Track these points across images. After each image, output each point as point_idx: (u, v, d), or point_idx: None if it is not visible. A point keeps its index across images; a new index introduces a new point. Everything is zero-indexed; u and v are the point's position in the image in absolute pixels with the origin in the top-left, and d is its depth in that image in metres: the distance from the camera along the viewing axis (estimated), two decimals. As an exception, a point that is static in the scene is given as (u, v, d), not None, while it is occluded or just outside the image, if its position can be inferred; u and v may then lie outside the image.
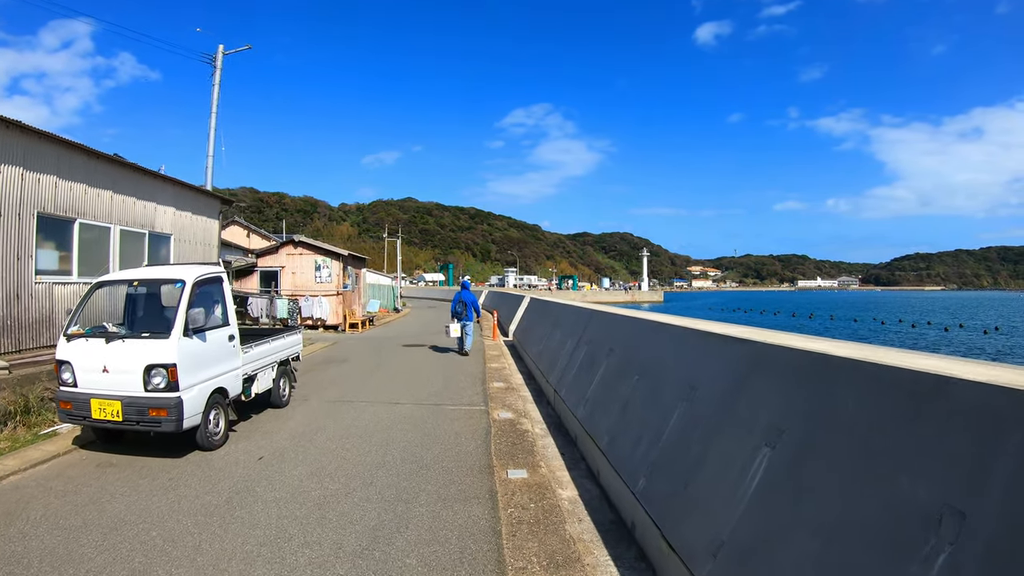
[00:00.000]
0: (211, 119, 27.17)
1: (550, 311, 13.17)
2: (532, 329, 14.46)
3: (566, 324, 10.43)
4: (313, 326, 23.19)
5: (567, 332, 9.97)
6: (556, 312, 12.19)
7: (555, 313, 12.29)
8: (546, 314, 13.46)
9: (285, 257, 23.71)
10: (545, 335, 12.03)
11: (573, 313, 10.19)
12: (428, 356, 14.84)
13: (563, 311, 11.31)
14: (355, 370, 12.60)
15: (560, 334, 10.47)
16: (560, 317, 11.35)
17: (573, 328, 9.59)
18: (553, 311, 12.71)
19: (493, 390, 10.22)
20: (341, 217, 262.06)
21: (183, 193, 14.94)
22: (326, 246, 23.23)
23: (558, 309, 12.09)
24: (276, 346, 8.92)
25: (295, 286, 23.47)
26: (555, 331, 11.16)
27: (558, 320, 11.40)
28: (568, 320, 10.37)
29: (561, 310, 11.60)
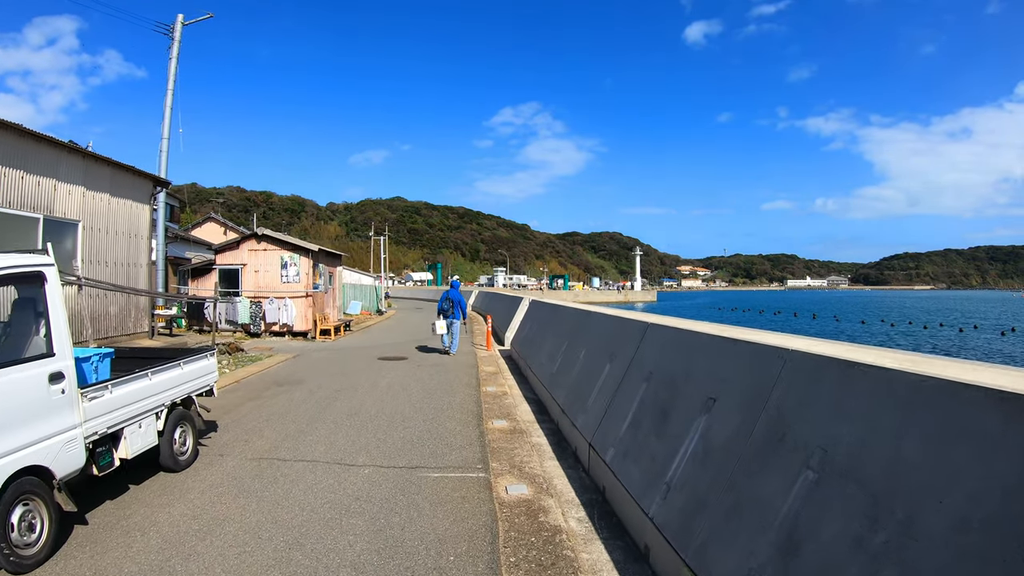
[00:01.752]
0: (167, 96, 24.08)
1: (562, 318, 10.21)
2: (537, 340, 11.49)
3: (596, 338, 7.46)
4: (279, 332, 20.11)
5: (600, 351, 7.00)
6: (573, 320, 9.23)
7: (571, 321, 9.34)
8: (556, 321, 10.50)
9: (247, 253, 20.59)
10: (559, 351, 9.07)
11: (609, 324, 7.22)
12: (408, 374, 11.81)
13: (587, 320, 8.34)
14: (308, 399, 9.54)
15: (587, 353, 7.50)
16: (582, 328, 8.38)
17: (612, 346, 6.63)
18: (567, 319, 9.75)
19: (494, 434, 7.22)
20: (329, 216, 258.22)
21: (98, 169, 11.83)
22: (293, 240, 20.19)
23: (576, 317, 9.11)
24: (164, 381, 5.87)
25: (258, 286, 20.38)
26: (576, 347, 8.20)
27: (579, 331, 8.43)
28: (600, 333, 7.40)
29: (583, 319, 8.63)
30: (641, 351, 5.67)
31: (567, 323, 9.51)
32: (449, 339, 15.06)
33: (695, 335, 4.68)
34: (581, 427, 6.33)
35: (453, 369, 12.37)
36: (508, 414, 8.29)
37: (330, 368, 12.83)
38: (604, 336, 7.12)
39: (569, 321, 9.43)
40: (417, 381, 10.91)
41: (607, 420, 5.68)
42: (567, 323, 9.51)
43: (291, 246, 20.14)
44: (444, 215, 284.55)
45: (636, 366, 5.60)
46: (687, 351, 4.70)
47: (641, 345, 5.72)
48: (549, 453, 6.61)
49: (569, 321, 9.43)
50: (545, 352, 10.13)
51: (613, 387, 5.92)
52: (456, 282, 17.75)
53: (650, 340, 5.59)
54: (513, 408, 8.74)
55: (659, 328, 5.52)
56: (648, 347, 5.56)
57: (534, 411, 8.70)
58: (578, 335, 8.36)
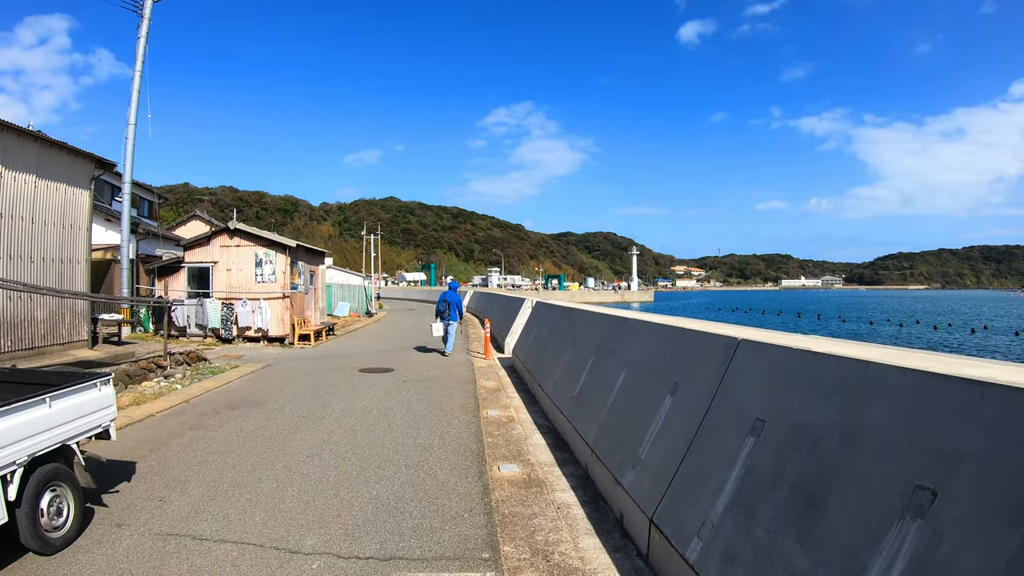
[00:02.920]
0: (135, 79, 22.01)
1: (581, 325, 8.25)
2: (548, 351, 9.51)
3: (642, 355, 5.49)
4: (254, 338, 18.08)
5: (651, 375, 5.04)
6: (599, 328, 7.27)
7: (596, 330, 7.38)
8: (573, 329, 8.54)
9: (218, 250, 18.55)
10: (580, 368, 7.11)
11: (660, 337, 5.22)
12: (393, 393, 9.81)
13: (622, 329, 6.36)
14: (262, 429, 7.54)
15: (630, 376, 5.51)
16: (616, 339, 6.41)
17: (672, 370, 4.66)
18: (590, 326, 7.78)
19: (502, 488, 5.24)
20: (322, 216, 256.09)
21: (20, 146, 9.80)
22: (269, 235, 18.17)
23: (605, 325, 7.13)
24: (14, 428, 3.87)
25: (231, 286, 18.34)
26: (609, 365, 6.23)
27: (612, 344, 6.46)
28: (648, 349, 5.40)
29: (615, 328, 6.65)
30: (731, 382, 3.71)
31: (590, 332, 7.53)
32: (448, 340, 15.30)
33: (854, 364, 2.73)
34: (631, 488, 4.37)
35: (447, 385, 10.41)
36: (518, 453, 6.32)
37: (301, 383, 10.82)
38: (655, 353, 5.15)
39: (593, 329, 7.46)
40: (403, 403, 8.91)
41: (681, 486, 3.72)
42: (590, 332, 7.53)
43: (267, 242, 18.11)
44: (438, 215, 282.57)
45: (726, 406, 3.65)
46: (838, 392, 2.74)
47: (729, 373, 3.77)
48: (583, 522, 4.63)
49: (593, 329, 7.46)
50: (560, 368, 8.16)
51: (685, 434, 3.96)
52: (454, 283, 17.24)
53: (745, 367, 3.64)
54: (523, 442, 6.76)
55: (760, 348, 3.57)
56: (743, 378, 3.61)
57: (551, 445, 6.73)
58: (611, 349, 6.39)
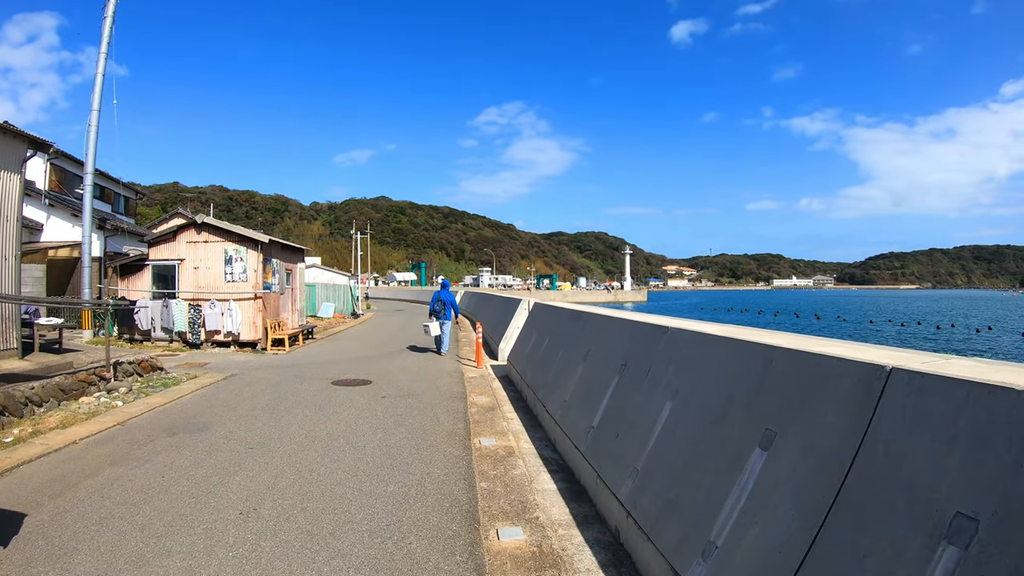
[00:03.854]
0: (99, 62, 20.35)
1: (598, 334, 6.73)
2: (552, 363, 7.97)
3: (698, 382, 3.95)
4: (223, 343, 16.44)
5: (724, 415, 3.51)
6: (625, 339, 5.74)
7: (621, 341, 5.85)
8: (586, 338, 7.01)
9: (185, 246, 16.89)
10: (601, 390, 5.59)
11: (727, 353, 3.68)
12: (367, 413, 8.24)
13: (658, 341, 4.82)
14: (195, 468, 5.96)
15: (680, 411, 3.98)
16: (652, 355, 4.88)
17: (768, 412, 3.14)
18: (611, 336, 6.25)
19: (505, 572, 3.71)
20: (312, 216, 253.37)
21: (-81, 118, 8.16)
22: (239, 229, 16.52)
23: (634, 336, 5.60)
24: None
25: (199, 286, 16.69)
26: (644, 390, 4.71)
27: (647, 362, 4.92)
28: (707, 373, 3.84)
29: (649, 339, 5.10)
30: (886, 441, 2.20)
31: (610, 343, 6.00)
32: (443, 340, 15.28)
33: None
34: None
35: (432, 402, 8.84)
36: (523, 506, 4.77)
37: (262, 399, 9.23)
38: (724, 382, 3.61)
39: (615, 340, 5.91)
40: (377, 427, 7.33)
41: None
42: (610, 343, 6.00)
43: (237, 237, 16.45)
44: (429, 215, 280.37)
45: (882, 479, 2.14)
46: None
47: (879, 427, 2.27)
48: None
49: (615, 340, 5.91)
50: (570, 386, 6.62)
51: (802, 518, 2.44)
52: (446, 282, 16.96)
53: (913, 415, 2.13)
54: (528, 488, 5.22)
55: (938, 386, 2.07)
56: (916, 436, 2.11)
57: (564, 492, 5.18)
58: (644, 369, 4.86)
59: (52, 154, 29.03)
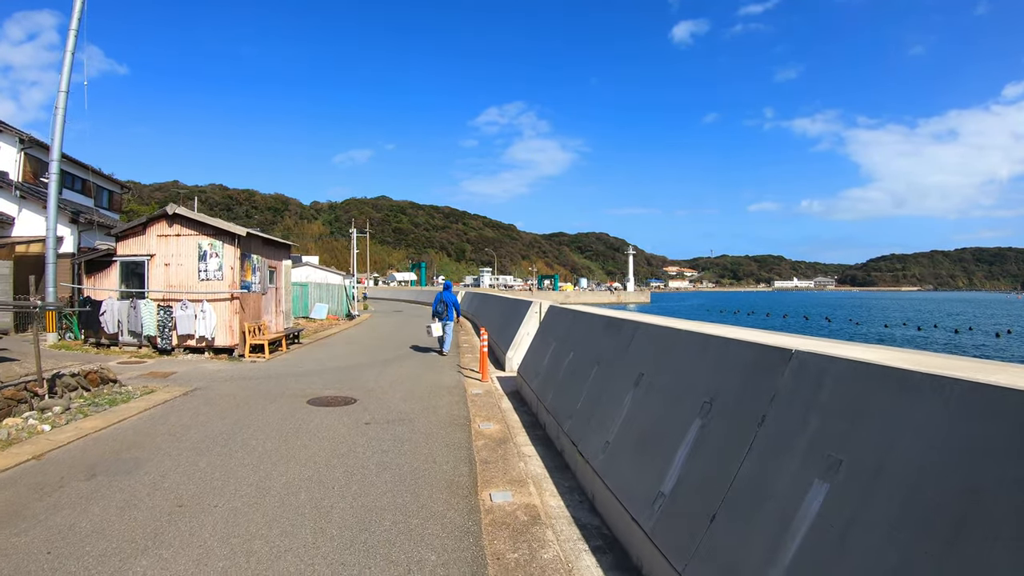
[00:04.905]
0: (69, 39, 18.62)
1: (653, 351, 5.00)
2: (585, 387, 6.20)
3: (908, 449, 2.22)
4: (197, 348, 14.69)
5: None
6: (710, 367, 4.00)
7: (700, 367, 4.10)
8: (637, 359, 5.27)
9: (155, 240, 15.13)
10: (672, 436, 3.86)
11: (978, 412, 1.95)
12: (343, 451, 6.43)
13: (807, 376, 3.07)
14: (94, 539, 4.19)
15: (917, 526, 2.25)
16: (782, 402, 3.15)
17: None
18: (686, 358, 4.52)
19: None
20: (312, 215, 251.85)
21: None
22: (214, 221, 14.74)
23: (725, 358, 3.86)
24: None
25: (170, 285, 14.93)
26: (782, 460, 2.98)
27: (762, 405, 3.20)
28: (943, 451, 2.13)
29: (768, 371, 3.37)
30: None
31: (681, 367, 4.23)
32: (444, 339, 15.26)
33: None
34: None
35: (427, 431, 7.07)
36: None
37: (217, 425, 7.45)
38: (951, 460, 1.87)
39: (688, 364, 4.14)
40: (353, 474, 5.52)
41: None
42: (681, 367, 4.23)
43: (212, 230, 14.68)
44: (430, 215, 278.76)
45: None
46: None
47: None
48: None
49: (688, 364, 4.14)
50: (613, 422, 4.85)
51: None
52: (449, 283, 16.83)
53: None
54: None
55: None
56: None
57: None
58: (758, 417, 3.11)
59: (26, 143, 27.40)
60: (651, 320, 5.47)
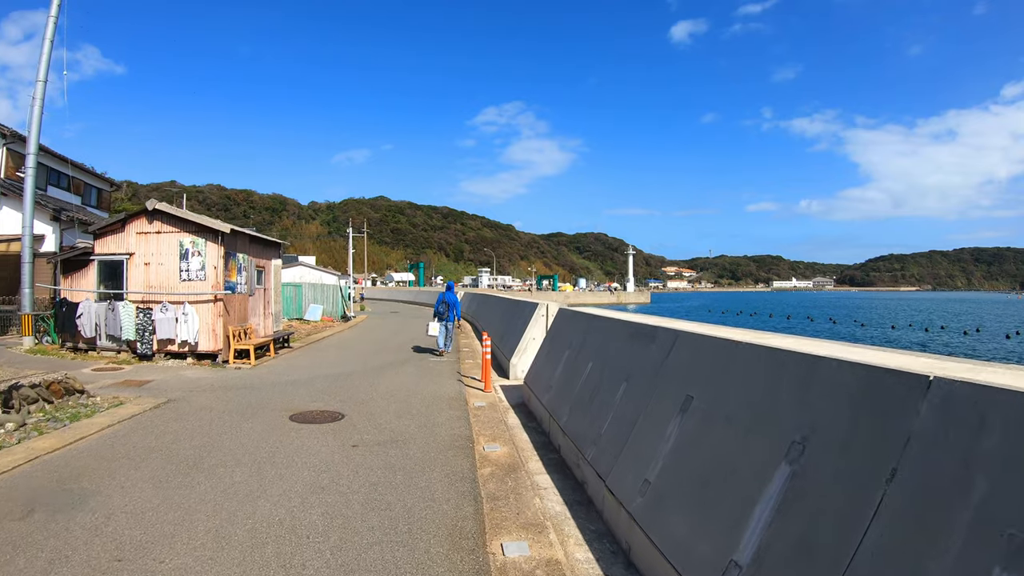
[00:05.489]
0: (48, 27, 17.70)
1: (721, 368, 4.06)
2: (612, 407, 5.27)
3: None
4: (179, 354, 13.73)
5: None
6: (806, 387, 3.10)
7: (793, 391, 3.20)
8: (704, 379, 4.32)
9: (135, 238, 14.17)
10: (745, 478, 2.94)
11: None
12: (325, 484, 5.47)
13: (953, 409, 2.17)
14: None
15: None
16: (915, 449, 2.24)
17: None
18: (775, 378, 3.57)
19: None
20: (311, 215, 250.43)
21: None
22: (196, 218, 13.76)
23: (821, 378, 2.95)
24: None
25: (150, 285, 13.97)
26: (947, 536, 2.06)
27: (892, 454, 2.29)
28: None
29: (912, 405, 2.46)
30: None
31: (750, 391, 3.30)
32: (444, 339, 15.32)
33: None
34: None
35: (424, 456, 6.12)
36: None
37: (184, 447, 6.51)
38: None
39: (760, 387, 3.22)
40: (335, 516, 4.54)
41: None
42: (750, 391, 3.30)
43: (194, 227, 13.72)
44: (428, 215, 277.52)
45: None
46: None
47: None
48: None
49: (760, 387, 3.22)
50: (655, 455, 3.91)
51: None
52: (451, 284, 16.73)
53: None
54: None
55: None
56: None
57: None
58: (886, 471, 2.20)
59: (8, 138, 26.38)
60: (692, 328, 4.54)
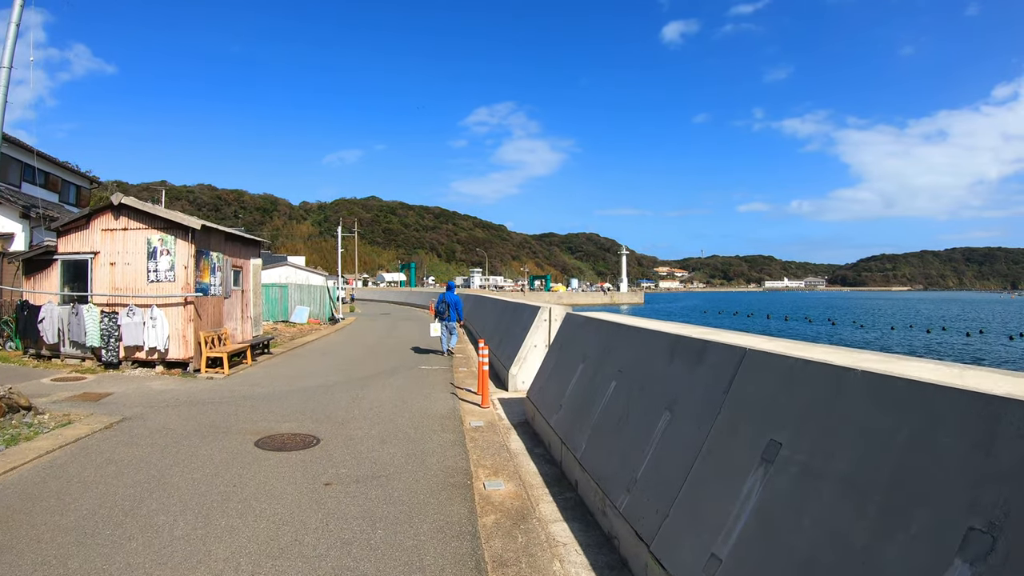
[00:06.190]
0: (15, 6, 16.45)
1: (823, 405, 3.03)
2: (652, 442, 4.24)
3: None
4: (147, 362, 12.57)
5: None
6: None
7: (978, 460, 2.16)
8: (797, 418, 3.30)
9: (99, 235, 12.98)
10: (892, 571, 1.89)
11: None
12: (285, 547, 4.41)
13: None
14: None
15: None
16: None
17: None
18: (950, 430, 2.55)
19: None
20: (302, 215, 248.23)
21: None
22: (165, 213, 12.54)
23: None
24: None
25: (116, 287, 12.79)
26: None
27: None
28: None
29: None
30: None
31: (882, 450, 2.25)
32: (447, 339, 15.44)
33: None
34: None
35: (411, 499, 5.00)
36: None
37: (123, 483, 5.38)
38: None
39: (898, 447, 2.18)
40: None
41: None
42: (882, 450, 2.25)
43: (163, 223, 12.54)
44: (420, 215, 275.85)
45: None
46: None
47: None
48: None
49: (898, 447, 2.18)
50: (721, 521, 2.86)
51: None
52: (452, 284, 16.83)
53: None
54: None
55: None
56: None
57: None
58: None
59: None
60: (762, 344, 3.47)
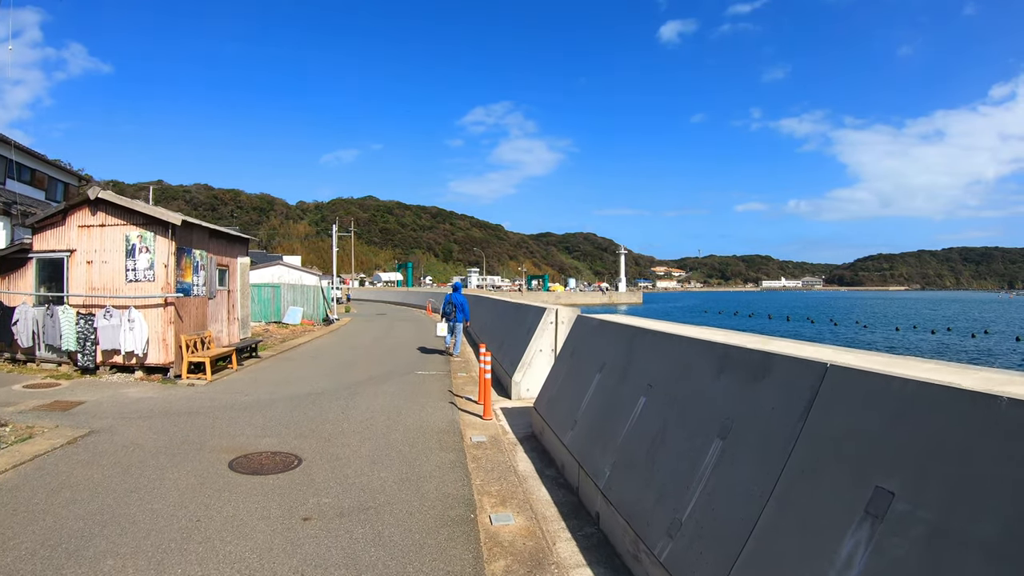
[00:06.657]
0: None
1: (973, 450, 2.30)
2: (704, 477, 3.52)
3: None
4: (125, 367, 11.79)
5: None
6: None
7: None
8: (951, 470, 2.58)
9: (76, 232, 12.20)
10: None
11: None
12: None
13: None
14: None
15: None
16: None
17: None
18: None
19: None
20: (299, 215, 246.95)
21: None
22: (144, 208, 11.77)
23: None
24: None
25: (93, 287, 12.01)
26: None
27: None
28: None
29: None
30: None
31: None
32: (452, 340, 15.09)
33: None
34: None
35: (404, 541, 4.24)
36: None
37: (78, 516, 4.62)
38: None
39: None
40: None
41: None
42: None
43: (142, 218, 11.76)
44: (417, 215, 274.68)
45: None
46: None
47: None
48: None
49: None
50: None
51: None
52: (459, 284, 16.72)
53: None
54: None
55: None
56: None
57: None
58: None
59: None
60: (847, 359, 2.72)
